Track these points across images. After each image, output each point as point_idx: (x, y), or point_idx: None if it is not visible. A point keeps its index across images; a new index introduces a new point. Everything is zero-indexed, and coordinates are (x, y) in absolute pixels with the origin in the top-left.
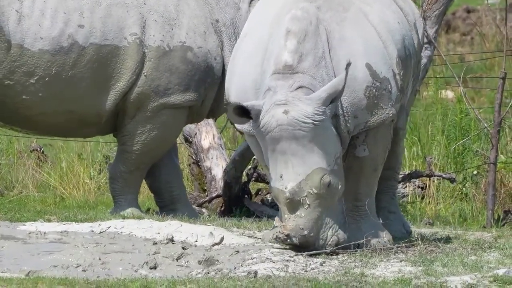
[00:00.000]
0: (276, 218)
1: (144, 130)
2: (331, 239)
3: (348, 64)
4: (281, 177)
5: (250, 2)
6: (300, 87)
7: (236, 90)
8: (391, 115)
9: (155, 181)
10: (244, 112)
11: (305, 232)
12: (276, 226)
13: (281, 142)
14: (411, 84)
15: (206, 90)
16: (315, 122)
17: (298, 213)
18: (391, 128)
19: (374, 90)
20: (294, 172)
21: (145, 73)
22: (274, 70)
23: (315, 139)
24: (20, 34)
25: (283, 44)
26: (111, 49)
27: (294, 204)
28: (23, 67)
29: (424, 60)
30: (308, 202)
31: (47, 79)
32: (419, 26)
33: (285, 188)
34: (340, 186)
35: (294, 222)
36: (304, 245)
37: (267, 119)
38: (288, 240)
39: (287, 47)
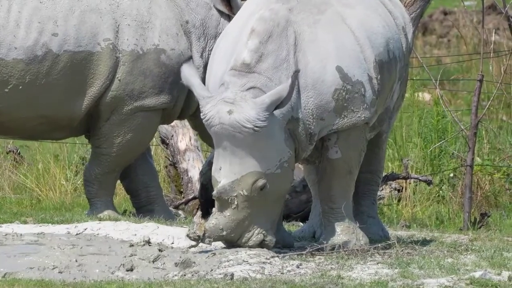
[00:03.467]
0: (198, 214)
1: (119, 133)
2: (256, 238)
3: (297, 71)
4: (220, 169)
5: None
6: (252, 87)
7: (212, 88)
8: (363, 118)
9: (131, 182)
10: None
11: (224, 233)
12: (194, 222)
13: (222, 139)
14: (397, 88)
15: (178, 92)
16: (255, 128)
17: (223, 211)
18: (365, 131)
19: (344, 93)
20: (230, 169)
21: (119, 78)
22: (232, 67)
23: (255, 144)
24: None
25: (245, 42)
26: (84, 55)
27: (221, 202)
28: None
29: None
30: (236, 203)
31: (20, 87)
32: (409, 30)
33: (219, 182)
34: (279, 190)
35: (215, 221)
36: (222, 243)
37: (212, 113)
38: (200, 242)
39: (248, 45)
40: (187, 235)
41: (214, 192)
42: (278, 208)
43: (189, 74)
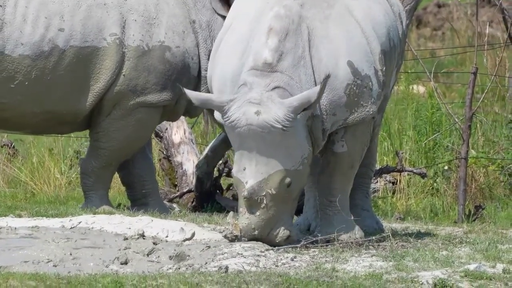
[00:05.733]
0: (230, 214)
1: (118, 128)
2: (282, 233)
3: (328, 76)
4: (244, 169)
5: None
6: (276, 87)
7: (217, 81)
8: (371, 112)
9: (128, 174)
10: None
11: (256, 232)
12: (229, 222)
13: (249, 139)
14: (394, 75)
15: (181, 89)
16: (284, 128)
17: (253, 211)
18: (371, 126)
19: (354, 88)
20: (256, 170)
21: (123, 73)
22: (252, 66)
23: (282, 142)
24: (1, 41)
25: (264, 42)
26: (90, 50)
27: (251, 203)
28: (3, 72)
29: None
30: (265, 202)
31: (26, 83)
32: (403, 17)
33: (246, 183)
34: (301, 185)
35: (247, 221)
36: (253, 240)
37: (237, 115)
38: (236, 241)
39: (268, 44)
40: (225, 236)
41: (245, 193)
42: (296, 203)
43: (197, 95)
